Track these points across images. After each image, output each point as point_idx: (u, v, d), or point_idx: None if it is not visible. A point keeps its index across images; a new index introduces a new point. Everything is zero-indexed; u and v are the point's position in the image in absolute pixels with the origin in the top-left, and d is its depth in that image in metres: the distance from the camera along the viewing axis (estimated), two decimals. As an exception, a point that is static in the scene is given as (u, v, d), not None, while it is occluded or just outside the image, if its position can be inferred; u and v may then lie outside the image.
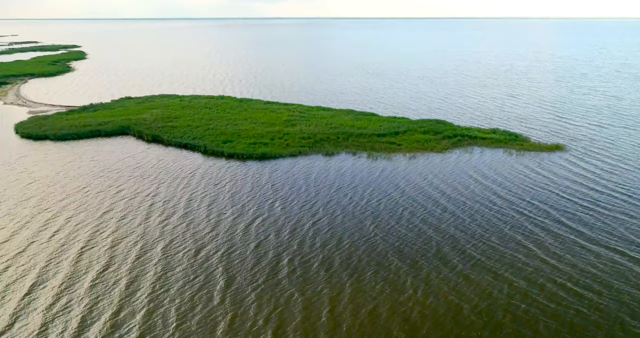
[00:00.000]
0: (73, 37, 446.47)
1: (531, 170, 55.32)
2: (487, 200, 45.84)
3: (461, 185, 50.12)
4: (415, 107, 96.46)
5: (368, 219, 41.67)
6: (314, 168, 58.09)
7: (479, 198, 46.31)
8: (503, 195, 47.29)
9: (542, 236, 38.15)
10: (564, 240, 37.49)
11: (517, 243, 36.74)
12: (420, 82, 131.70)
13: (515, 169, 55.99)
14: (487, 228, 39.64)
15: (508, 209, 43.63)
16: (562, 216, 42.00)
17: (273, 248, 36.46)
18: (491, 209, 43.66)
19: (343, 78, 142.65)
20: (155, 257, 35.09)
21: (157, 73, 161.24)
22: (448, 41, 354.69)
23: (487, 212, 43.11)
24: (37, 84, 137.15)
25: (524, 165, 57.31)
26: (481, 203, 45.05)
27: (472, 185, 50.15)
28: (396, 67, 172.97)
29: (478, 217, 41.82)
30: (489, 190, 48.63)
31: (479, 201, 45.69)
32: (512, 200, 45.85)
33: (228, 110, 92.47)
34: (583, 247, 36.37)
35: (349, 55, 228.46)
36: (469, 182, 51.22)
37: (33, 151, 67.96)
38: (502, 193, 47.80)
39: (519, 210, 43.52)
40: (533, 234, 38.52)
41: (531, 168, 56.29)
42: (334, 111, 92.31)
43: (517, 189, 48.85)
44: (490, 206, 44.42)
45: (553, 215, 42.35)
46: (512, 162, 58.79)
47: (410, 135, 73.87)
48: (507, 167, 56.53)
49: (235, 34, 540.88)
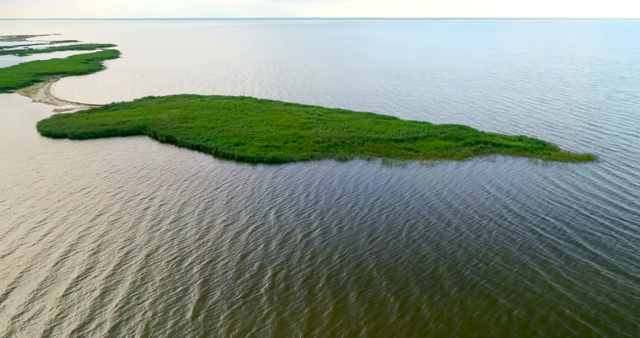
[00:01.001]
0: (111, 36, 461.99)
1: (551, 183, 51.68)
2: (496, 215, 42.89)
3: (471, 198, 47.25)
4: (439, 111, 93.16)
5: (365, 232, 39.66)
6: (322, 174, 56.44)
7: (488, 213, 43.41)
8: (516, 209, 44.17)
9: (552, 258, 35.09)
10: (576, 263, 34.32)
11: (523, 266, 33.88)
12: (447, 85, 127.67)
13: (535, 180, 52.48)
14: (491, 246, 36.88)
15: (519, 226, 40.60)
16: (578, 236, 38.65)
17: (259, 260, 35.07)
18: (500, 225, 40.75)
19: (366, 80, 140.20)
20: (138, 264, 34.38)
21: (183, 72, 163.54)
22: (482, 42, 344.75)
23: (495, 228, 40.24)
24: (68, 82, 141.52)
25: (546, 177, 53.67)
26: (490, 219, 42.17)
27: (483, 198, 47.19)
28: (423, 68, 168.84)
29: (484, 233, 39.05)
30: (501, 204, 45.58)
31: (488, 216, 42.81)
32: (525, 215, 42.70)
33: (246, 112, 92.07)
34: (597, 272, 33.12)
35: (375, 56, 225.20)
36: (480, 194, 48.26)
37: (49, 149, 69.37)
38: (515, 207, 44.67)
39: (530, 227, 40.42)
40: (542, 255, 35.50)
41: (552, 180, 52.61)
42: (353, 114, 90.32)
43: (532, 203, 45.57)
44: (500, 222, 41.49)
45: (568, 234, 39.04)
46: (534, 173, 55.22)
47: (430, 141, 71.04)
48: (526, 179, 53.09)
49: (264, 34, 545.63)
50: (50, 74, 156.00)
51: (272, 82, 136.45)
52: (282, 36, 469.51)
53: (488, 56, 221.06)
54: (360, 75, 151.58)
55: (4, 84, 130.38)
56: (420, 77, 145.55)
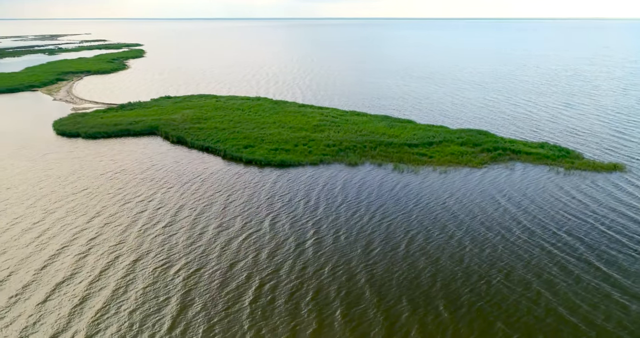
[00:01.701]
0: (138, 36, 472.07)
1: (568, 194, 48.80)
2: (504, 228, 40.61)
3: (478, 208, 44.99)
4: (457, 115, 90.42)
5: (363, 242, 38.11)
6: (328, 178, 55.10)
7: (495, 225, 41.14)
8: (525, 222, 41.75)
9: (560, 278, 32.75)
10: (586, 285, 31.91)
11: (527, 286, 31.69)
12: (468, 87, 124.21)
13: (550, 190, 49.68)
14: (494, 263, 34.77)
15: (527, 241, 38.26)
16: (591, 254, 36.07)
17: (248, 269, 34.04)
18: (506, 240, 38.50)
19: (386, 81, 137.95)
20: (125, 270, 33.87)
21: (202, 72, 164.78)
22: (509, 43, 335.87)
23: (501, 242, 38.03)
24: (90, 80, 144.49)
25: (562, 187, 50.78)
26: (496, 232, 39.94)
27: (492, 209, 44.82)
28: (445, 70, 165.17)
29: (488, 248, 36.94)
30: (510, 216, 43.18)
31: (495, 229, 40.56)
32: (535, 229, 40.26)
33: (260, 113, 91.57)
34: (608, 296, 30.66)
35: (398, 56, 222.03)
36: (489, 205, 45.90)
37: (61, 148, 70.35)
38: (525, 220, 42.23)
39: (539, 242, 38.02)
40: (549, 274, 33.18)
41: (568, 190, 49.68)
42: (369, 117, 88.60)
43: (544, 216, 43.01)
44: (507, 236, 39.23)
45: (579, 251, 36.50)
46: (551, 183, 52.40)
47: (445, 147, 68.75)
48: (541, 189, 50.33)
49: (290, 34, 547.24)
50: (75, 72, 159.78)
51: (290, 83, 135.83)
52: (307, 36, 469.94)
53: (515, 57, 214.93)
54: (380, 76, 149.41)
55: (29, 82, 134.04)
56: (441, 78, 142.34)
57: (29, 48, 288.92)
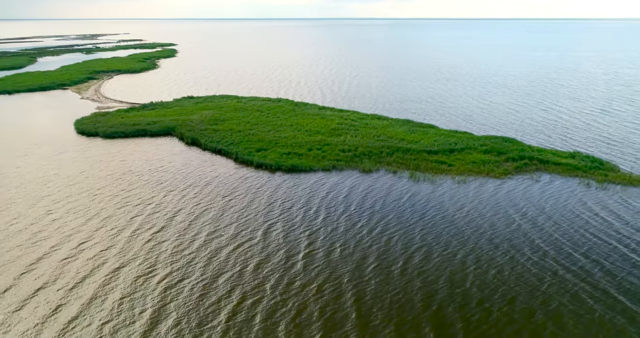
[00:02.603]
0: (174, 36, 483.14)
1: (590, 210, 44.88)
2: (513, 248, 37.52)
3: (488, 224, 41.83)
4: (484, 121, 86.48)
5: (360, 257, 35.97)
6: (337, 186, 53.14)
7: (505, 245, 38.07)
8: (539, 242, 38.47)
9: (569, 307, 29.58)
10: (599, 318, 28.64)
11: (530, 315, 28.76)
12: (498, 91, 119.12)
13: (571, 206, 45.85)
14: (497, 287, 31.93)
15: (537, 263, 35.10)
16: (609, 281, 32.60)
17: (232, 282, 32.63)
18: (514, 261, 35.45)
19: (412, 83, 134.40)
20: (106, 278, 33.17)
21: (228, 72, 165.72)
22: (548, 44, 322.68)
23: (508, 264, 35.07)
24: (119, 80, 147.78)
25: (585, 203, 46.83)
26: (504, 252, 36.93)
27: (503, 225, 41.56)
28: (476, 72, 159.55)
29: (492, 270, 34.07)
30: (522, 234, 39.91)
31: (503, 248, 37.53)
32: (548, 250, 36.97)
33: (278, 115, 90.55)
34: (623, 331, 27.38)
35: (429, 58, 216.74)
36: (500, 221, 42.66)
37: (77, 147, 71.40)
38: (539, 239, 38.92)
39: (551, 265, 34.79)
40: (558, 303, 30.07)
41: (591, 206, 45.69)
42: (390, 121, 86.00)
43: (561, 235, 39.53)
44: (516, 257, 36.16)
45: (596, 277, 33.08)
46: (575, 197, 48.54)
47: (467, 154, 65.50)
48: (562, 204, 46.55)
49: (322, 34, 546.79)
50: (106, 71, 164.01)
51: (313, 84, 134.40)
52: (337, 36, 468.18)
53: (552, 59, 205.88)
54: (407, 78, 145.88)
55: (61, 81, 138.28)
56: (471, 81, 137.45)
57: (69, 47, 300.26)
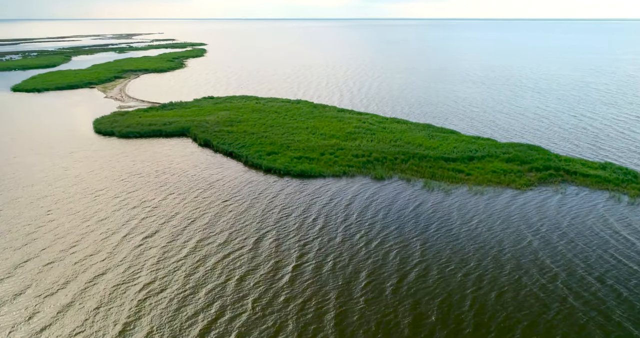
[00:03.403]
0: (205, 35, 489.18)
1: (611, 228, 40.96)
2: (520, 269, 34.47)
3: (495, 241, 38.75)
4: (509, 127, 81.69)
5: (350, 272, 33.74)
6: (344, 193, 50.56)
7: (511, 265, 35.08)
8: (549, 262, 35.13)
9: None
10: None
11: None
12: (527, 95, 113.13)
13: (591, 223, 41.84)
14: (494, 315, 29.01)
15: (545, 287, 32.03)
16: (625, 312, 29.17)
17: (213, 295, 31.31)
18: (520, 284, 32.33)
19: (437, 86, 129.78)
20: (85, 286, 32.49)
21: (253, 72, 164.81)
22: (588, 46, 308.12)
23: (512, 288, 32.21)
24: (145, 79, 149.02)
25: (608, 220, 42.72)
26: (509, 274, 33.99)
27: (511, 243, 38.30)
28: (507, 74, 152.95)
29: (493, 293, 31.20)
30: (532, 253, 36.72)
31: (509, 269, 34.57)
32: (559, 273, 33.54)
33: (295, 117, 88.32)
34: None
35: (458, 59, 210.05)
36: (509, 238, 39.42)
37: (91, 146, 71.22)
38: (550, 260, 35.55)
39: (560, 290, 31.61)
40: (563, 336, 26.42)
41: (612, 224, 41.79)
42: (409, 125, 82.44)
43: (575, 256, 35.98)
44: (522, 279, 33.14)
45: (609, 306, 29.67)
46: (597, 214, 44.47)
47: (488, 163, 61.50)
48: (581, 220, 42.64)
49: (353, 34, 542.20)
50: (134, 70, 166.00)
51: (335, 85, 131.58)
52: (368, 37, 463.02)
53: (590, 61, 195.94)
54: (432, 80, 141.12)
55: (88, 80, 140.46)
56: (500, 84, 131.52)
57: (103, 46, 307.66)
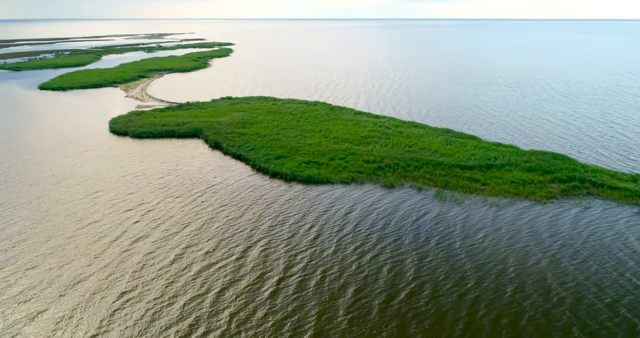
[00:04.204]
0: (235, 35, 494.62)
1: (630, 248, 37.68)
2: (522, 293, 32.04)
3: (498, 260, 35.97)
4: (533, 133, 77.93)
5: (348, 289, 32.10)
6: (350, 201, 49.01)
7: (513, 287, 32.62)
8: (556, 286, 32.56)
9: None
10: None
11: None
12: (556, 99, 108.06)
13: (607, 242, 38.86)
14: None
15: (548, 314, 29.59)
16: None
17: (193, 309, 30.30)
18: (521, 311, 30.05)
19: (461, 88, 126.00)
20: (60, 292, 31.96)
21: (275, 72, 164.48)
22: (630, 47, 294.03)
23: (511, 315, 29.86)
24: (168, 78, 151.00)
25: (628, 239, 39.41)
26: (509, 298, 31.56)
27: (515, 263, 35.67)
28: (536, 77, 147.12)
29: (488, 317, 28.87)
30: (538, 273, 34.17)
31: (509, 292, 32.11)
32: (566, 298, 30.97)
33: (310, 119, 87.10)
34: None
35: (486, 61, 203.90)
36: (514, 256, 36.72)
37: (103, 146, 72.01)
38: (556, 283, 32.95)
39: (567, 318, 29.03)
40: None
41: (631, 243, 38.24)
42: (427, 129, 79.85)
43: (586, 279, 33.25)
44: (522, 305, 30.75)
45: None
46: (616, 232, 41.22)
47: (507, 172, 58.54)
48: (598, 239, 39.60)
49: (383, 35, 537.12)
50: (158, 70, 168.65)
51: (356, 87, 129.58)
52: (399, 37, 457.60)
53: (629, 64, 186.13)
54: (457, 82, 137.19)
55: (113, 79, 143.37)
56: (528, 87, 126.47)
57: (134, 46, 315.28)
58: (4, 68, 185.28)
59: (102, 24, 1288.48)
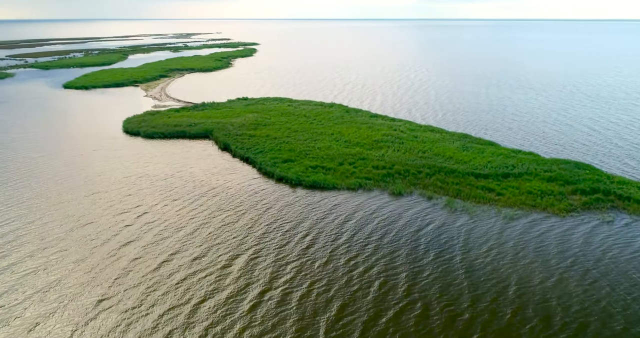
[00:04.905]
0: (261, 35, 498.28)
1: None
2: (523, 319, 29.67)
3: (499, 279, 33.73)
4: (557, 140, 74.42)
5: (335, 304, 30.44)
6: (349, 209, 47.50)
7: (507, 316, 30.07)
8: (559, 311, 30.11)
9: None
10: None
11: None
12: (585, 104, 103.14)
13: (623, 263, 35.61)
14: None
15: None
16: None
17: (163, 323, 29.29)
18: None
19: (483, 91, 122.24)
20: (37, 297, 31.45)
21: (295, 73, 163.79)
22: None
23: None
24: (188, 78, 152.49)
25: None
26: (505, 324, 28.85)
27: (517, 282, 33.18)
28: (566, 80, 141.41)
29: None
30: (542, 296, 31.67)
31: (506, 316, 29.60)
32: (570, 328, 28.47)
33: (324, 122, 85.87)
34: None
35: (514, 62, 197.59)
36: (518, 277, 34.26)
37: (112, 146, 72.69)
38: (560, 308, 30.53)
39: None
40: None
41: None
42: (443, 134, 77.44)
43: (594, 304, 30.70)
44: (523, 333, 28.40)
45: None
46: (634, 251, 37.81)
47: (525, 181, 55.86)
48: (613, 259, 36.80)
49: (411, 35, 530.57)
50: (181, 70, 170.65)
51: (375, 89, 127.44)
52: (429, 38, 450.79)
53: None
54: (481, 84, 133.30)
55: (134, 78, 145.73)
56: (557, 91, 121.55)
57: (161, 45, 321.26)
58: (34, 67, 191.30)
59: (134, 24, 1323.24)
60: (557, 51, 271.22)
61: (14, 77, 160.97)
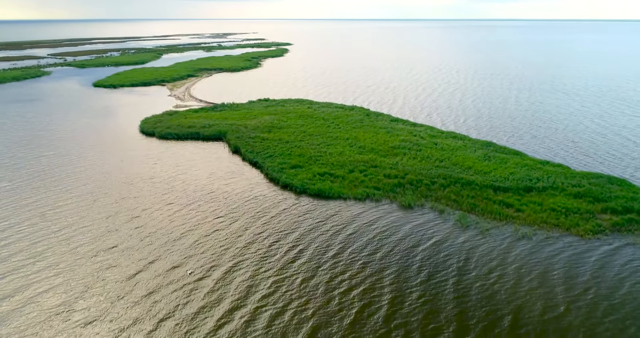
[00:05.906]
0: (296, 36, 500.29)
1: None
2: None
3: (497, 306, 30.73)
4: (589, 150, 69.41)
5: (296, 329, 28.34)
6: (349, 221, 45.23)
7: None
8: None
9: None
10: None
11: None
12: (626, 112, 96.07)
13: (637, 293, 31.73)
14: None
15: None
16: None
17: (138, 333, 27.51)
18: None
19: (514, 94, 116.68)
20: (20, 304, 31.09)
21: (323, 74, 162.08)
22: None
23: None
24: (215, 78, 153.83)
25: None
26: None
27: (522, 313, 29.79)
28: (606, 84, 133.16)
29: None
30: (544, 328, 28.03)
31: None
32: None
33: (342, 125, 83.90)
34: None
35: (552, 65, 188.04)
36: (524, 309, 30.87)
37: (124, 146, 73.50)
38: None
39: None
40: None
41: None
42: (465, 141, 73.87)
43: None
44: None
45: None
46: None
47: (549, 197, 51.89)
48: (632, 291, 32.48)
49: (446, 36, 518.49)
50: (209, 69, 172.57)
51: (399, 91, 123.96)
52: (464, 38, 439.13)
53: None
54: (512, 87, 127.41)
55: (162, 77, 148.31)
56: (595, 96, 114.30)
57: (195, 45, 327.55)
58: (71, 65, 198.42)
59: (174, 24, 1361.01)
60: (597, 53, 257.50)
61: (50, 75, 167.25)
